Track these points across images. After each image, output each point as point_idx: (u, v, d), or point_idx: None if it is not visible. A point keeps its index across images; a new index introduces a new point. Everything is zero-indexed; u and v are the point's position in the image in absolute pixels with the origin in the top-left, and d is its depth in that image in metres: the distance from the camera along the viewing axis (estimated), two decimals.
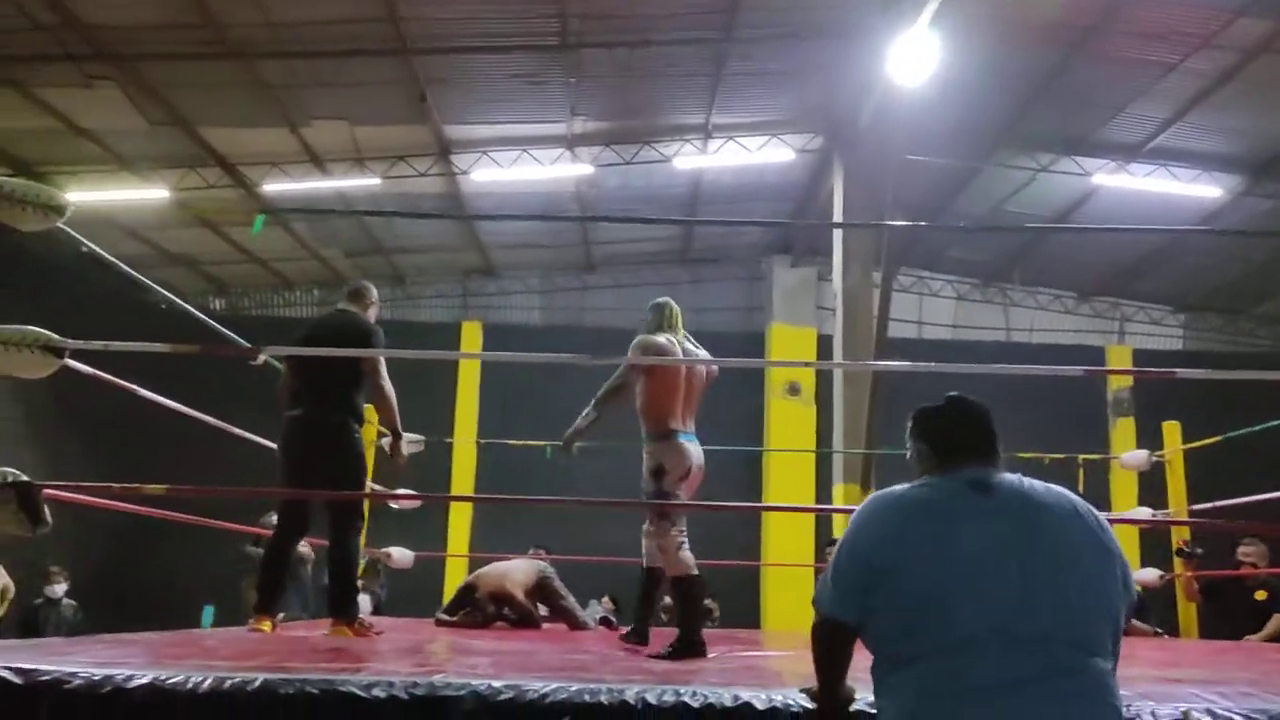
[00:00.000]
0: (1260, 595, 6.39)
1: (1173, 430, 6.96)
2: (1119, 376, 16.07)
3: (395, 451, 5.06)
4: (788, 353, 15.58)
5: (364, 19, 9.59)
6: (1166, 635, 7.02)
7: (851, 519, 2.16)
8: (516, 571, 6.54)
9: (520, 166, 12.54)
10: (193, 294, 15.23)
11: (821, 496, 13.41)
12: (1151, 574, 7.03)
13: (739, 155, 12.84)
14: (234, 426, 5.50)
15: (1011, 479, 2.10)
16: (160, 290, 5.51)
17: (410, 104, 11.14)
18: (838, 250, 12.59)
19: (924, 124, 10.46)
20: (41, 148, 11.56)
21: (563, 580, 6.66)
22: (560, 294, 17.04)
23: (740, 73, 11.12)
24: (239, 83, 10.48)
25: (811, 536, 13.50)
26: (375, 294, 5.25)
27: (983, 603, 1.91)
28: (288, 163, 12.30)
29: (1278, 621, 6.25)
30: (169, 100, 10.71)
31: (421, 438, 6.81)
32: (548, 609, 6.56)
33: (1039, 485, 2.09)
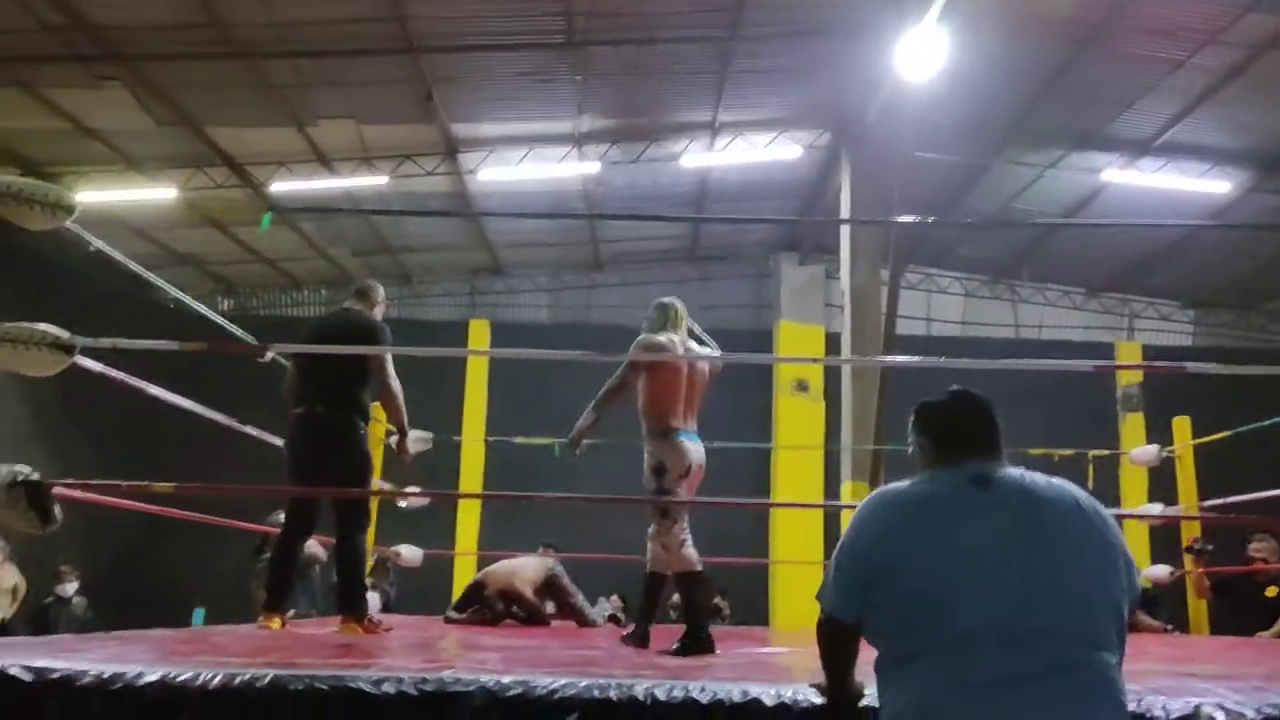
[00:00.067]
0: (1271, 591, 6.37)
1: (1183, 425, 6.95)
2: (1128, 372, 16.01)
3: (402, 449, 5.06)
4: (796, 350, 15.54)
5: (370, 18, 9.59)
6: (1177, 631, 7.01)
7: (853, 516, 2.14)
8: (525, 569, 6.56)
9: (527, 165, 12.53)
10: (200, 294, 15.24)
11: (830, 493, 13.38)
12: (1162, 570, 7.02)
13: (746, 153, 12.81)
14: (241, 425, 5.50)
15: (1014, 473, 2.07)
16: (168, 288, 5.52)
17: (417, 103, 11.14)
18: (845, 247, 12.57)
19: (932, 120, 10.43)
20: (49, 148, 11.58)
21: (571, 578, 6.67)
22: (568, 292, 17.03)
23: (747, 70, 11.09)
24: (246, 82, 10.49)
25: (820, 533, 13.49)
26: (382, 293, 5.25)
27: (983, 599, 1.89)
28: (295, 162, 12.30)
29: None
30: (176, 100, 10.72)
31: (429, 435, 6.82)
32: (556, 607, 6.57)
33: (1041, 479, 2.07)
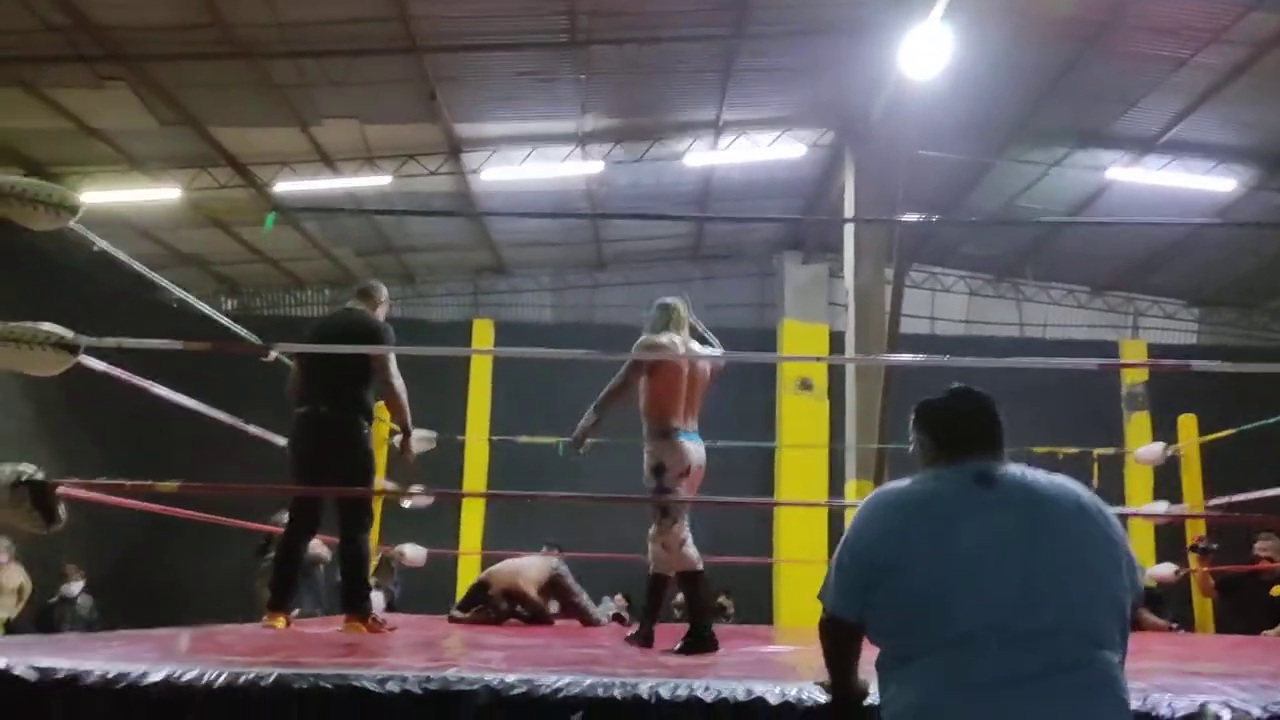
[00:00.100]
0: (1277, 590, 6.36)
1: (1188, 424, 6.93)
2: (1133, 371, 15.98)
3: (406, 448, 5.06)
4: (799, 349, 15.53)
5: (374, 18, 9.59)
6: (1182, 630, 6.99)
7: (853, 516, 2.13)
8: (529, 569, 6.56)
9: (531, 164, 12.53)
10: (204, 294, 15.25)
11: (835, 492, 13.36)
12: (1167, 569, 7.01)
13: (750, 152, 12.80)
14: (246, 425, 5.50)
15: (1015, 471, 2.06)
16: (172, 288, 5.53)
17: (420, 102, 11.14)
18: (849, 246, 12.55)
19: (936, 119, 10.42)
20: (53, 148, 11.60)
21: (575, 577, 6.67)
22: (571, 292, 17.02)
23: (751, 69, 11.08)
24: (249, 82, 10.50)
25: (825, 533, 13.47)
26: (385, 293, 5.24)
27: (984, 598, 1.88)
28: (298, 162, 12.31)
29: None
30: (179, 100, 10.73)
31: (433, 435, 6.82)
32: (560, 606, 6.57)
33: (1043, 477, 2.05)
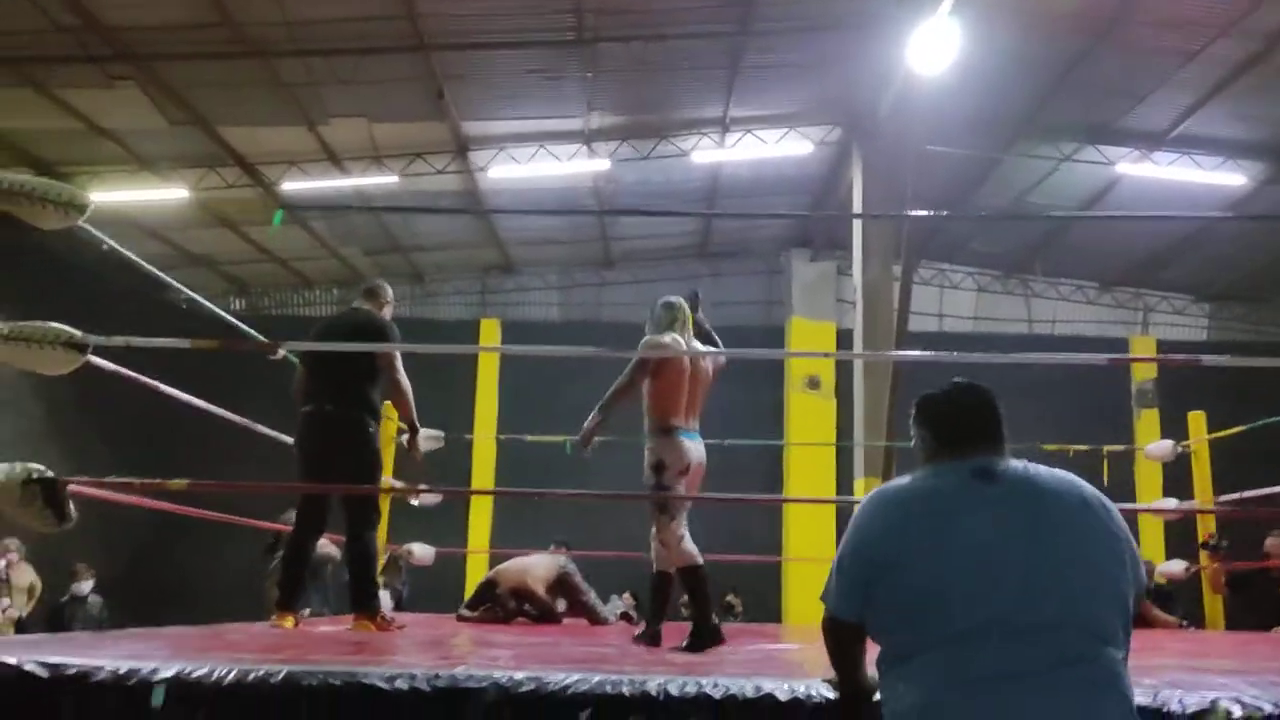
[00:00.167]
0: None
1: (1198, 420, 6.90)
2: (1143, 368, 15.92)
3: (414, 446, 5.07)
4: (807, 346, 15.51)
5: (381, 16, 9.61)
6: (1192, 627, 6.97)
7: (855, 514, 2.12)
8: (537, 567, 6.56)
9: (538, 162, 12.54)
10: (213, 294, 15.29)
11: (842, 491, 13.36)
12: (1177, 566, 6.99)
13: (757, 149, 12.79)
14: (255, 424, 5.52)
15: (1017, 466, 2.05)
16: (180, 288, 5.54)
17: (428, 101, 11.15)
18: (857, 243, 12.53)
19: (944, 114, 10.38)
20: (63, 148, 11.63)
21: (583, 576, 6.67)
22: (579, 290, 17.02)
23: (757, 65, 11.07)
24: (257, 81, 10.52)
25: (832, 531, 13.46)
26: (390, 293, 5.26)
27: (984, 594, 1.87)
28: (306, 161, 12.34)
29: None
30: (188, 100, 10.76)
31: (440, 434, 6.83)
32: (568, 604, 6.58)
33: (1045, 472, 2.04)
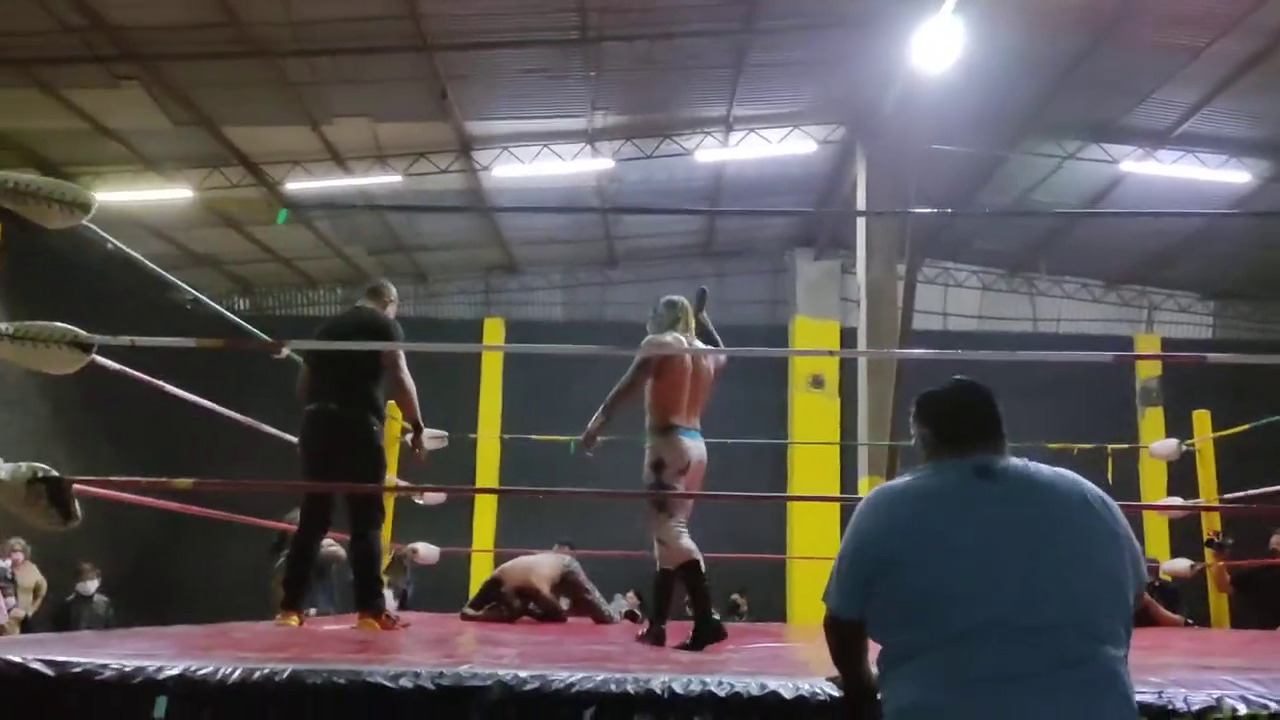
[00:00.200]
0: None
1: (1203, 419, 6.88)
2: (1148, 366, 15.90)
3: (418, 445, 5.06)
4: (811, 345, 15.51)
5: (385, 16, 9.61)
6: (1197, 625, 6.95)
7: (855, 513, 2.12)
8: (542, 566, 6.56)
9: (541, 162, 12.54)
10: (217, 294, 15.31)
11: (847, 490, 13.34)
12: (1182, 564, 6.97)
13: (761, 148, 12.78)
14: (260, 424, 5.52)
15: (1017, 464, 2.04)
16: (185, 288, 5.55)
17: (431, 100, 11.16)
18: (861, 242, 12.52)
19: (948, 112, 10.37)
20: (68, 148, 11.66)
21: (587, 575, 6.67)
22: (582, 289, 17.03)
23: (762, 64, 11.06)
24: (261, 81, 10.54)
25: (837, 530, 13.43)
26: (394, 292, 5.26)
27: (984, 594, 1.86)
28: (310, 161, 12.35)
29: None
30: (193, 100, 10.78)
31: (444, 433, 6.82)
32: (572, 603, 6.57)
33: (1045, 470, 2.03)
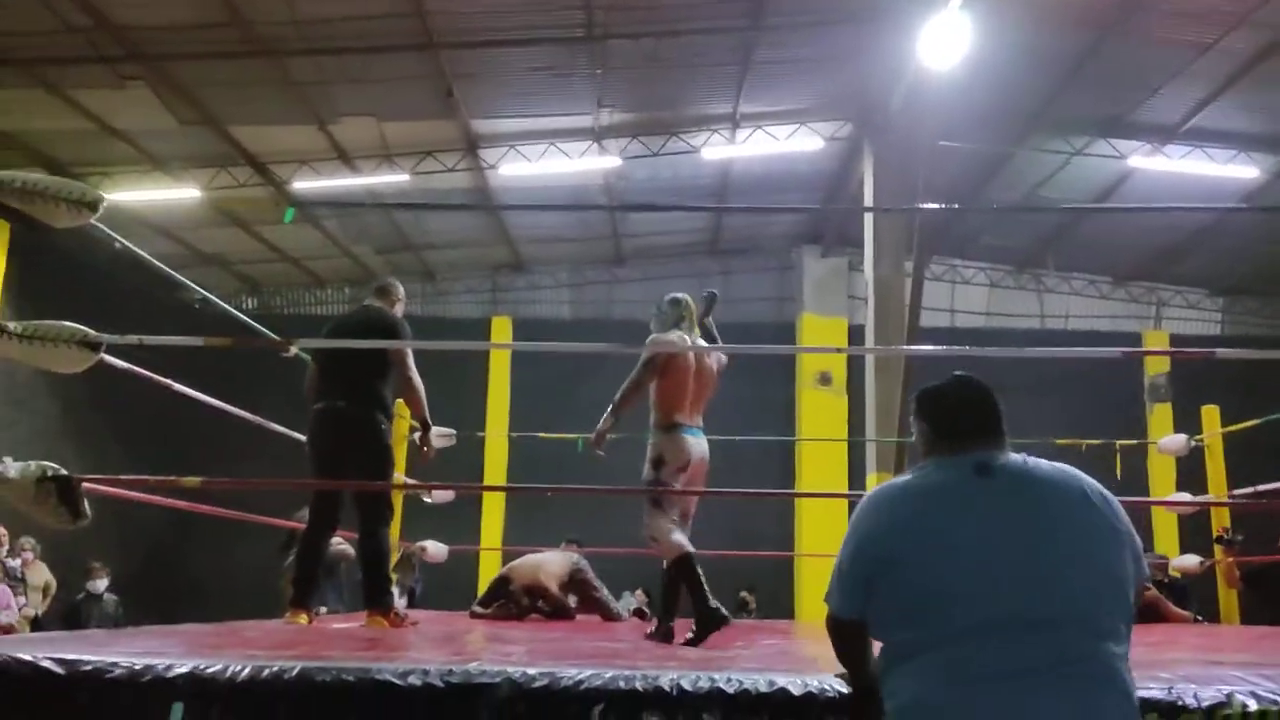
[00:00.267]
0: None
1: (1212, 414, 6.86)
2: (1156, 362, 15.86)
3: (425, 443, 5.07)
4: (819, 343, 15.50)
5: (391, 14, 9.62)
6: (1206, 621, 6.93)
7: (855, 512, 2.12)
8: (550, 564, 6.57)
9: (548, 160, 12.54)
10: (225, 293, 15.33)
11: (855, 487, 13.32)
12: (1192, 560, 6.95)
13: (767, 145, 12.76)
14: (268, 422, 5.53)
15: (1016, 460, 2.03)
16: (194, 287, 5.56)
17: (438, 99, 11.16)
18: (869, 239, 12.50)
19: (955, 109, 10.35)
20: (75, 148, 11.68)
21: (596, 572, 6.67)
22: (589, 288, 17.02)
23: (768, 61, 11.03)
24: (268, 80, 10.55)
25: (844, 527, 13.41)
26: (402, 291, 5.28)
27: (984, 592, 1.86)
28: (317, 160, 12.36)
29: None
30: (199, 99, 10.79)
31: (452, 432, 6.83)
32: (580, 601, 6.58)
33: (1045, 466, 2.02)
